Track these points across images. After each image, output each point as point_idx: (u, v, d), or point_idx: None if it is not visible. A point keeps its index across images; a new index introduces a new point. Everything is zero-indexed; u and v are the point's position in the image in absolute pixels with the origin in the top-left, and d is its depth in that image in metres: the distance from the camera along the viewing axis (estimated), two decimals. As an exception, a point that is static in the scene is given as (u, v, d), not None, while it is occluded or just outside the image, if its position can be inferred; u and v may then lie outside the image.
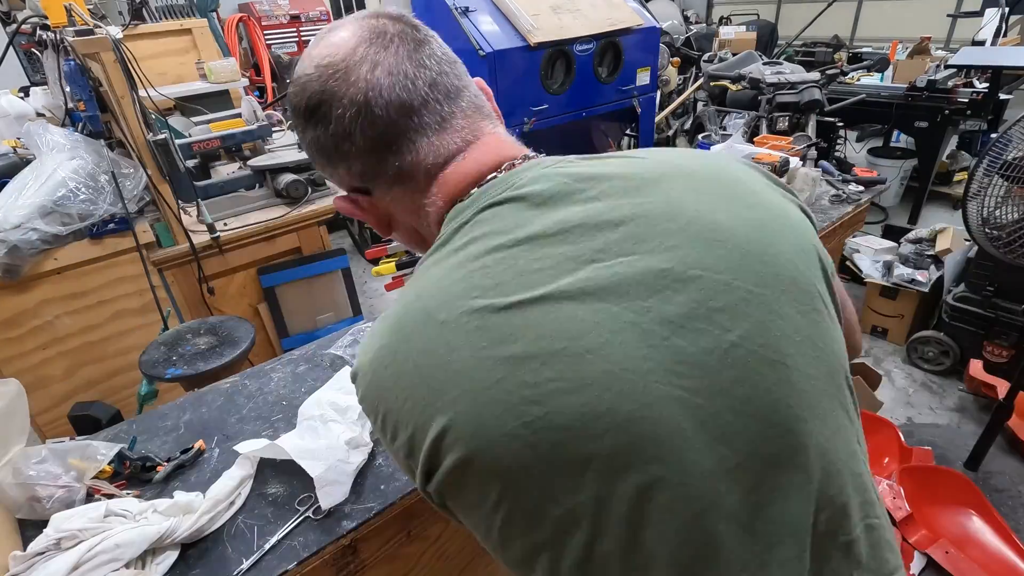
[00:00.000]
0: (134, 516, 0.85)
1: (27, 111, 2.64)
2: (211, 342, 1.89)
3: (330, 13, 6.74)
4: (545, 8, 2.73)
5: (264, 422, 1.10)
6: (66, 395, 2.15)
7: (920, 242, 3.10)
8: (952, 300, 2.56)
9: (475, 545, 1.18)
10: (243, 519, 0.90)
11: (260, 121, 2.73)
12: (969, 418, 2.47)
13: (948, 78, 3.93)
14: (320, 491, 0.88)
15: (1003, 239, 1.79)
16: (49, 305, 2.02)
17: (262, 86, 5.15)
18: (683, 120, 5.40)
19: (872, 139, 5.58)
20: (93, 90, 1.96)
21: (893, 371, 2.80)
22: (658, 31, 3.19)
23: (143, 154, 2.01)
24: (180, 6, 4.17)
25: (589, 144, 3.61)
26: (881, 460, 2.15)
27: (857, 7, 8.01)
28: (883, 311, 2.98)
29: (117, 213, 2.03)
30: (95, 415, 1.97)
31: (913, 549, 1.83)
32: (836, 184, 2.12)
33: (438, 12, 2.70)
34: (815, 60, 6.10)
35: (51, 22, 1.90)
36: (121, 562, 0.79)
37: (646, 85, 3.25)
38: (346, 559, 0.88)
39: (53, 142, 2.02)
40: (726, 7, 9.23)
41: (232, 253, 2.32)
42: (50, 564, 0.77)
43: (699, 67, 5.14)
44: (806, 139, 2.53)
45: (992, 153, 1.70)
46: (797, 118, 3.55)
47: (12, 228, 1.84)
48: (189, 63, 3.57)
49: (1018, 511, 2.02)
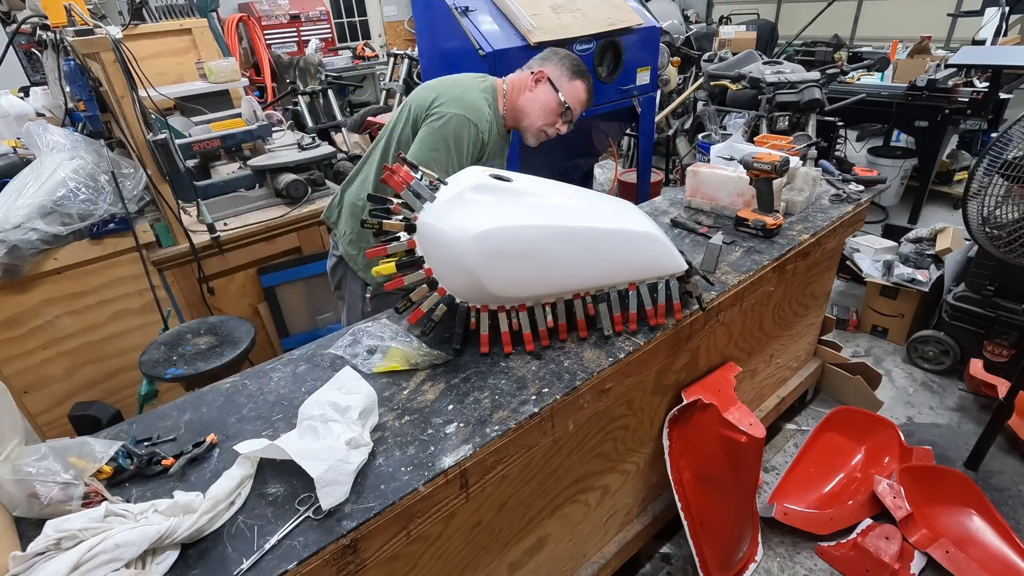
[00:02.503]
0: (134, 516, 0.85)
1: (27, 111, 2.64)
2: (211, 342, 1.89)
3: (330, 13, 6.74)
4: (545, 7, 2.73)
5: (264, 422, 1.10)
6: (66, 395, 2.15)
7: (920, 242, 3.10)
8: (952, 300, 2.56)
9: (475, 545, 1.19)
10: (243, 519, 0.90)
11: (260, 121, 2.73)
12: (969, 418, 2.47)
13: (948, 77, 3.92)
14: (320, 491, 0.88)
15: (1003, 238, 1.78)
16: (49, 305, 2.02)
17: (262, 86, 5.15)
18: (683, 120, 5.40)
19: (872, 138, 5.58)
20: (93, 90, 1.96)
21: (893, 371, 2.80)
22: (658, 30, 3.18)
23: (143, 154, 2.01)
24: (180, 6, 4.17)
25: (589, 144, 3.61)
26: (881, 459, 2.15)
27: (857, 6, 8.00)
28: (883, 311, 2.98)
29: (117, 213, 2.03)
30: (95, 415, 1.97)
31: (913, 549, 1.84)
32: (836, 183, 2.12)
33: (438, 12, 2.70)
34: (815, 59, 6.11)
35: (51, 22, 1.90)
36: (121, 562, 0.79)
37: (646, 85, 3.25)
38: (346, 559, 0.88)
39: (53, 142, 2.02)
40: (726, 6, 9.22)
41: (232, 253, 2.33)
42: (50, 564, 0.77)
43: (699, 66, 5.13)
44: (806, 138, 2.53)
45: (992, 152, 1.70)
46: (797, 117, 3.55)
47: (12, 228, 1.84)
48: (189, 63, 3.58)
49: (1018, 510, 2.02)
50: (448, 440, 1.03)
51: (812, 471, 2.15)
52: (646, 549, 1.92)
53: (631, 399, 1.44)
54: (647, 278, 1.31)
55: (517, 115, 1.72)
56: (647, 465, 1.67)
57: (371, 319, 1.39)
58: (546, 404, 1.12)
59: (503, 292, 1.20)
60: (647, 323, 1.34)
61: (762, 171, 1.70)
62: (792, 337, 2.20)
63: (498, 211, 1.18)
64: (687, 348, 1.52)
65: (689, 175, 2.00)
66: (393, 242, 1.20)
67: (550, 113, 1.69)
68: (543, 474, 1.28)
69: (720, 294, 1.49)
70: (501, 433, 1.05)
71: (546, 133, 1.73)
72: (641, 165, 3.71)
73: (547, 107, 1.68)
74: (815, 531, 1.94)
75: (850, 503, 2.00)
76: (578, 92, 1.69)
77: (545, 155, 3.14)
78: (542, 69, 1.68)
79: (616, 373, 1.25)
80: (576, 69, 1.68)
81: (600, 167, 5.04)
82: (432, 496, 0.96)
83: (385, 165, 1.25)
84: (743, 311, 1.70)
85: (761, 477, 2.08)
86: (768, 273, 1.64)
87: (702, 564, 1.69)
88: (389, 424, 1.08)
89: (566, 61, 1.69)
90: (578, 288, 1.26)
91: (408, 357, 1.22)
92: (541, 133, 1.72)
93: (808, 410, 2.57)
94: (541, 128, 1.71)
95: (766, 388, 2.22)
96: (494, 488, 1.14)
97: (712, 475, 1.64)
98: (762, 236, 1.76)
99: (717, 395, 1.59)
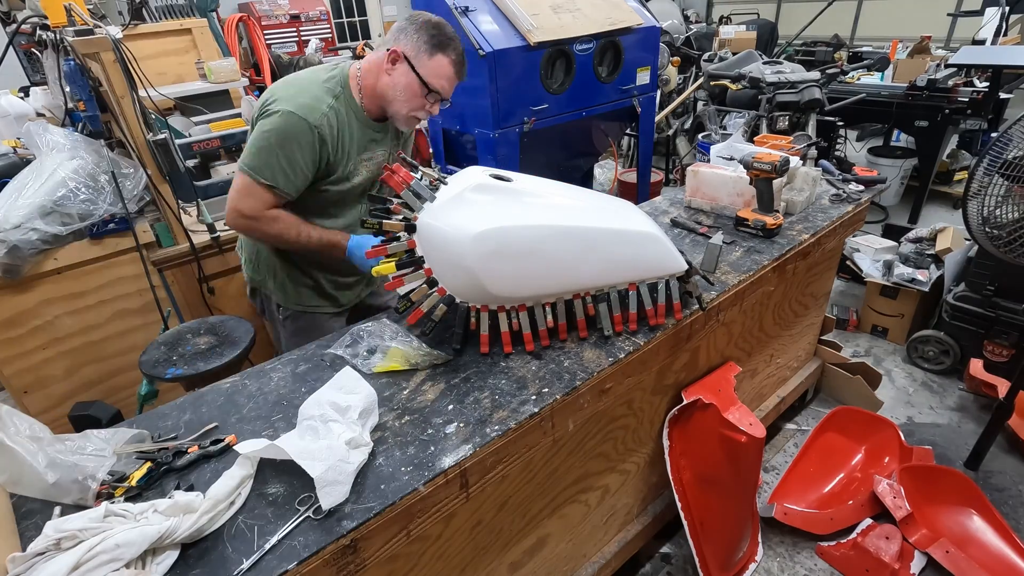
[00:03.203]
0: (134, 516, 0.85)
1: (27, 111, 2.64)
2: (211, 342, 1.89)
3: (330, 13, 6.74)
4: (545, 7, 2.73)
5: (264, 422, 1.10)
6: (66, 395, 2.15)
7: (920, 241, 3.10)
8: (952, 299, 2.56)
9: (475, 545, 1.19)
10: (243, 519, 0.90)
11: (260, 121, 2.73)
12: (969, 417, 2.47)
13: (948, 77, 3.92)
14: (320, 491, 0.88)
15: (1003, 238, 1.78)
16: (49, 305, 2.02)
17: (262, 86, 5.14)
18: (683, 119, 5.40)
19: (872, 138, 5.58)
20: (93, 90, 1.96)
21: (893, 370, 2.80)
22: (658, 30, 3.18)
23: (143, 154, 2.01)
24: (180, 6, 4.17)
25: (589, 143, 3.61)
26: (881, 459, 2.15)
27: (857, 6, 8.01)
28: (883, 310, 2.98)
29: (117, 213, 2.03)
30: (95, 415, 1.97)
31: (913, 549, 1.84)
32: (836, 183, 2.12)
33: (438, 12, 2.69)
34: (815, 59, 6.10)
35: (51, 22, 1.90)
36: (121, 562, 0.79)
37: (646, 84, 3.25)
38: (346, 559, 0.88)
39: (53, 142, 2.01)
40: (726, 6, 9.23)
41: (232, 253, 2.32)
42: (50, 564, 0.76)
43: (699, 66, 5.13)
44: (806, 138, 2.53)
45: (992, 152, 1.70)
46: (797, 117, 3.55)
47: (12, 228, 1.84)
48: (189, 63, 3.57)
49: (1018, 510, 2.02)
50: (448, 440, 1.03)
51: (812, 471, 2.15)
52: (646, 549, 1.92)
53: (631, 399, 1.44)
54: (647, 278, 1.31)
55: (380, 102, 1.50)
56: (647, 465, 1.67)
57: (371, 319, 1.39)
58: (546, 404, 1.12)
59: (503, 292, 1.20)
60: (647, 323, 1.34)
61: (762, 171, 1.70)
62: (792, 337, 2.20)
63: (498, 211, 1.18)
64: (687, 348, 1.51)
65: (689, 175, 2.00)
66: (393, 242, 1.20)
67: (413, 96, 1.45)
68: (543, 474, 1.28)
69: (720, 294, 1.49)
70: (501, 433, 1.05)
71: (417, 118, 1.52)
72: (641, 165, 3.71)
73: (409, 90, 1.44)
74: (815, 531, 1.94)
75: (850, 503, 2.00)
76: (441, 68, 1.43)
77: (545, 155, 3.15)
78: (396, 47, 1.42)
79: (616, 373, 1.25)
80: (436, 40, 1.41)
81: (600, 167, 5.04)
82: (432, 496, 0.96)
83: (385, 165, 1.25)
84: (743, 311, 1.70)
85: (761, 477, 2.08)
86: (768, 273, 1.64)
87: (702, 564, 1.69)
88: (389, 424, 1.08)
89: (423, 32, 1.41)
90: (578, 288, 1.26)
91: (408, 357, 1.22)
92: (411, 119, 1.52)
93: (808, 410, 2.57)
94: (408, 115, 1.49)
95: (766, 388, 2.22)
96: (494, 488, 1.14)
97: (712, 475, 1.64)
98: (762, 236, 1.76)
99: (717, 395, 1.59)
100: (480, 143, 2.80)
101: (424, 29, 1.41)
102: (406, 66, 1.43)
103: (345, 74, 1.50)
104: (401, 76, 1.44)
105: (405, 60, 1.42)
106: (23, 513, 0.93)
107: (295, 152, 1.40)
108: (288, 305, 1.73)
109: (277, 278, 1.70)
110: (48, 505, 0.92)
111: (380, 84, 1.47)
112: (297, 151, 1.40)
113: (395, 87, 1.45)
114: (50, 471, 0.90)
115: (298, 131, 1.39)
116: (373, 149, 1.58)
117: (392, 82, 1.45)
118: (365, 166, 1.57)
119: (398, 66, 1.44)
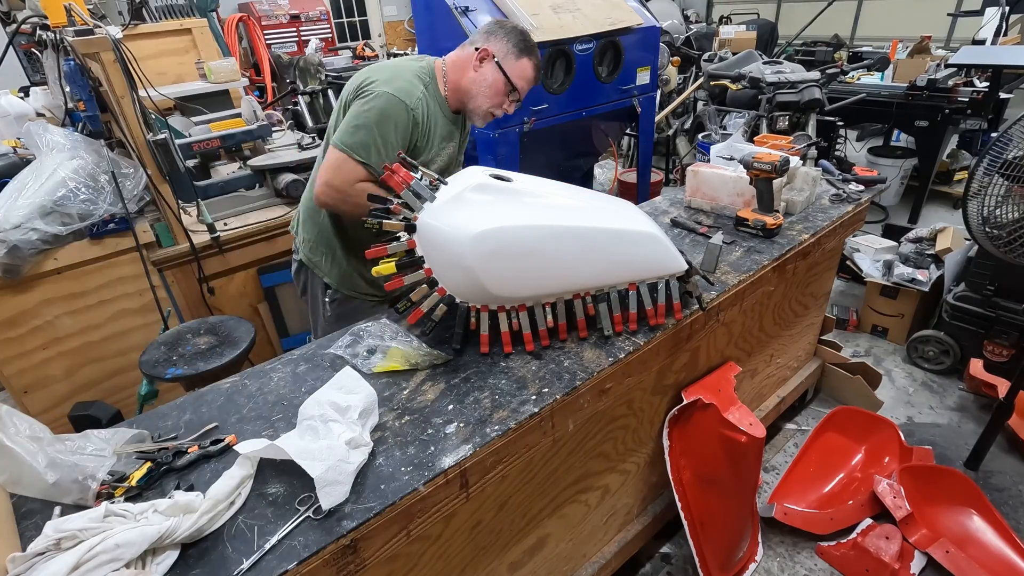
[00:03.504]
0: (134, 516, 0.85)
1: (27, 111, 2.64)
2: (211, 342, 1.89)
3: (330, 13, 6.75)
4: (545, 7, 2.73)
5: (264, 422, 1.10)
6: (66, 395, 2.15)
7: (920, 241, 3.10)
8: (952, 299, 2.56)
9: (475, 545, 1.19)
10: (243, 519, 0.90)
11: (260, 121, 2.73)
12: (969, 417, 2.47)
13: (948, 77, 3.92)
14: (320, 491, 0.88)
15: (1003, 238, 1.78)
16: (49, 305, 2.02)
17: (262, 86, 5.15)
18: (683, 119, 5.40)
19: (872, 138, 5.58)
20: (93, 90, 1.96)
21: (893, 370, 2.80)
22: (658, 30, 3.18)
23: (143, 154, 2.01)
24: (180, 6, 4.17)
25: (589, 143, 3.61)
26: (881, 459, 2.15)
27: (857, 6, 8.01)
28: (883, 310, 2.97)
29: (117, 213, 2.03)
30: (95, 415, 1.97)
31: (913, 548, 1.84)
32: (836, 183, 2.12)
33: (438, 12, 2.70)
34: (815, 59, 6.10)
35: (51, 22, 1.90)
36: (121, 562, 0.79)
37: (646, 84, 3.25)
38: (346, 559, 0.88)
39: (53, 142, 2.01)
40: (726, 6, 9.23)
41: (232, 253, 2.32)
42: (50, 564, 0.76)
43: (699, 66, 5.13)
44: (806, 138, 2.53)
45: (992, 152, 1.70)
46: (797, 117, 3.55)
47: (12, 228, 1.84)
48: (189, 63, 3.58)
49: (1018, 510, 2.02)
50: (448, 440, 1.03)
51: (812, 471, 2.15)
52: (646, 549, 1.92)
53: (631, 399, 1.44)
54: (647, 278, 1.31)
55: (461, 96, 1.62)
56: (647, 465, 1.67)
57: (371, 319, 1.39)
58: (546, 404, 1.12)
59: (503, 292, 1.20)
60: (647, 323, 1.34)
61: (762, 171, 1.70)
62: (792, 337, 2.20)
63: (498, 211, 1.18)
64: (687, 348, 1.51)
65: (689, 175, 2.00)
66: (393, 242, 1.20)
67: (497, 94, 1.59)
68: (543, 474, 1.28)
69: (720, 294, 1.49)
70: (501, 433, 1.05)
71: (493, 115, 1.64)
72: (641, 165, 3.71)
73: (493, 88, 1.58)
74: (815, 531, 1.94)
75: (850, 503, 2.00)
76: (526, 71, 1.59)
77: (545, 155, 3.15)
78: (486, 47, 1.57)
79: (616, 373, 1.25)
80: (523, 45, 1.58)
81: (600, 167, 5.04)
82: (432, 496, 0.96)
83: (385, 165, 1.25)
84: (743, 311, 1.70)
85: (761, 477, 2.08)
86: (768, 273, 1.64)
87: (702, 564, 1.69)
88: (389, 424, 1.08)
89: (512, 37, 1.57)
90: (578, 288, 1.27)
91: (408, 357, 1.23)
92: (488, 115, 1.64)
93: (808, 410, 2.57)
94: (488, 110, 1.62)
95: (766, 388, 2.22)
96: (494, 488, 1.14)
97: (712, 475, 1.64)
98: (762, 236, 1.76)
99: (717, 395, 1.59)
100: (480, 143, 2.80)
101: (513, 34, 1.58)
102: (494, 65, 1.56)
103: (432, 66, 1.62)
104: (488, 73, 1.57)
105: (493, 60, 1.56)
106: (23, 513, 0.93)
107: (390, 132, 1.49)
108: (339, 288, 1.78)
109: (335, 261, 1.75)
110: (48, 505, 0.92)
111: (465, 79, 1.59)
112: (392, 131, 1.49)
113: (481, 83, 1.57)
114: (50, 471, 0.90)
115: (396, 112, 1.48)
116: (449, 140, 1.67)
117: (479, 78, 1.57)
118: (440, 156, 1.64)
119: (486, 64, 1.57)
